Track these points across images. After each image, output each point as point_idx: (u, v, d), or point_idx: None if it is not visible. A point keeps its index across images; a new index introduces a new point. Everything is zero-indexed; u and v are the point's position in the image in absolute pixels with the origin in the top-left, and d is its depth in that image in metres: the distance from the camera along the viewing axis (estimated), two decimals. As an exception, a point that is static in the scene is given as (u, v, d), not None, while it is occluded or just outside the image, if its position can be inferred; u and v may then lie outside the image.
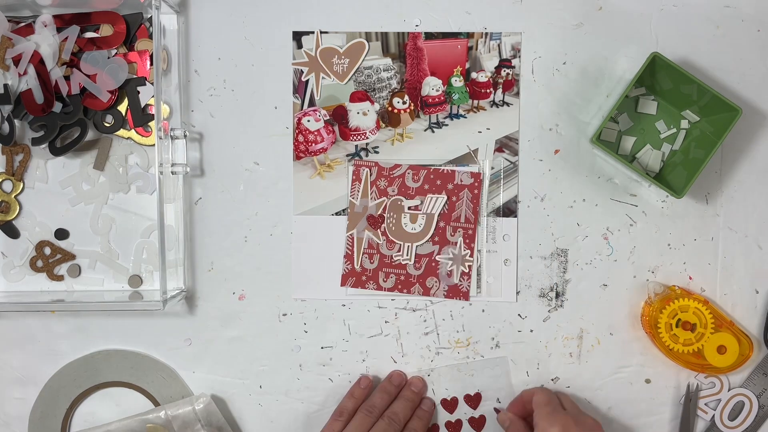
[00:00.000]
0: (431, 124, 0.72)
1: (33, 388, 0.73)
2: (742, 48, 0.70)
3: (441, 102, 0.71)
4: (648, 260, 0.71)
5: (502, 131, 0.71)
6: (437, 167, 0.71)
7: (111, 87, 0.69)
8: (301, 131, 0.71)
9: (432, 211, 0.71)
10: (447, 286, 0.71)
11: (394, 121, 0.71)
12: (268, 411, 0.73)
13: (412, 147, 0.72)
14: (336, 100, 0.72)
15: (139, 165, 0.71)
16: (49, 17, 0.69)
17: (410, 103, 0.71)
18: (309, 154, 0.72)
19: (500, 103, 0.71)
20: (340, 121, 0.71)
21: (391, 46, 0.71)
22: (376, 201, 0.71)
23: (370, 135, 0.72)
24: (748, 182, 0.71)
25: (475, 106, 0.71)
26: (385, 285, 0.71)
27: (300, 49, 0.71)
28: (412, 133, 0.72)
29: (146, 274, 0.72)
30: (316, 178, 0.72)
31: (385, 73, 0.71)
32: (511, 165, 0.71)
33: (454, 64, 0.71)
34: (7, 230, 0.72)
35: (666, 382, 0.71)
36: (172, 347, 0.73)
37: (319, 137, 0.71)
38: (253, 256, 0.72)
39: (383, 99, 0.71)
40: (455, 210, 0.71)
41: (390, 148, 0.72)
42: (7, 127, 0.70)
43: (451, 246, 0.71)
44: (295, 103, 0.72)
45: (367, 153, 0.72)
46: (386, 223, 0.71)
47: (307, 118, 0.71)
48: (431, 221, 0.71)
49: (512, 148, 0.71)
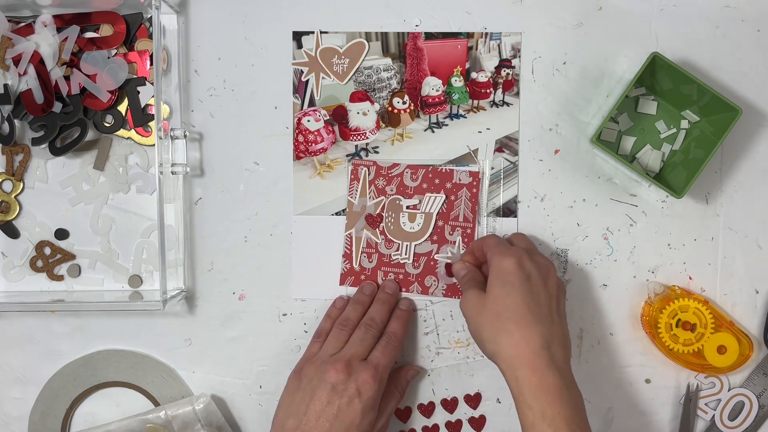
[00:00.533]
0: (431, 124, 0.72)
1: (33, 388, 0.73)
2: (742, 48, 0.70)
3: (441, 102, 0.71)
4: (648, 260, 0.71)
5: (502, 131, 0.71)
6: (436, 166, 0.71)
7: (111, 87, 0.69)
8: (301, 131, 0.71)
9: (430, 210, 0.71)
10: (445, 285, 0.71)
11: (394, 121, 0.71)
12: (268, 411, 0.72)
13: (412, 147, 0.72)
14: (336, 100, 0.72)
15: (139, 165, 0.71)
16: (49, 17, 0.69)
17: (410, 103, 0.71)
18: (309, 154, 0.72)
19: (500, 103, 0.71)
20: (340, 121, 0.71)
21: (391, 46, 0.71)
22: (374, 200, 0.71)
23: (370, 135, 0.72)
24: (748, 182, 0.71)
25: (475, 106, 0.71)
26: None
27: (300, 49, 0.71)
28: (412, 133, 0.72)
29: (146, 274, 0.72)
30: (316, 178, 0.72)
31: (385, 73, 0.71)
32: (511, 165, 0.71)
33: (454, 64, 0.71)
34: (7, 230, 0.72)
35: (666, 382, 0.71)
36: (172, 347, 0.73)
37: (319, 137, 0.71)
38: (253, 256, 0.72)
39: (383, 99, 0.71)
40: (454, 209, 0.71)
41: (390, 148, 0.72)
42: (7, 127, 0.70)
43: (450, 245, 0.71)
44: (295, 103, 0.72)
45: (367, 153, 0.72)
46: (385, 223, 0.71)
47: (307, 118, 0.71)
48: (430, 220, 0.71)
49: (512, 148, 0.71)
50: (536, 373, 0.58)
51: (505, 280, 0.62)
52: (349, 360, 0.64)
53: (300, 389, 0.64)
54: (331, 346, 0.67)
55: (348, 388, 0.63)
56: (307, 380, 0.64)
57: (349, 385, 0.63)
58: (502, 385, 0.66)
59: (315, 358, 0.66)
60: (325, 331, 0.69)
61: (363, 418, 0.63)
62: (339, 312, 0.70)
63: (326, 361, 0.65)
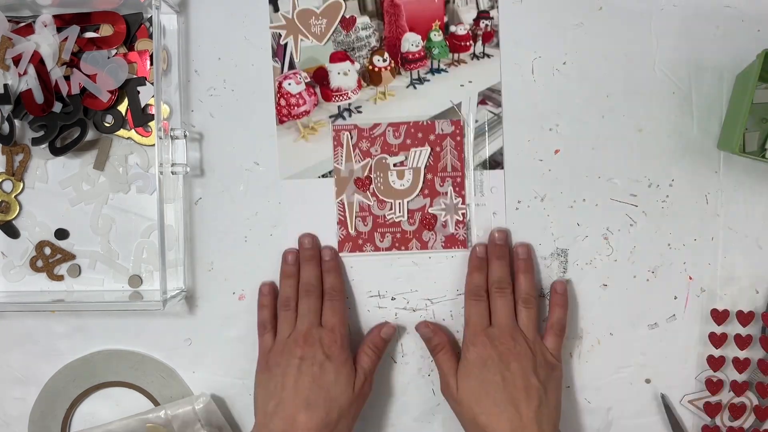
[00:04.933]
0: (413, 81, 0.71)
1: (33, 388, 0.73)
2: (742, 48, 0.70)
3: (421, 58, 0.71)
4: (648, 260, 0.71)
5: (485, 83, 0.71)
6: (417, 121, 0.71)
7: (111, 87, 0.69)
8: (282, 95, 0.71)
9: (418, 164, 0.70)
10: (444, 237, 0.71)
11: (376, 79, 0.71)
12: (268, 411, 0.73)
13: (394, 105, 0.71)
14: (316, 61, 0.71)
15: (139, 165, 0.71)
16: (49, 17, 0.69)
17: (390, 60, 0.71)
18: (292, 118, 0.71)
19: (481, 56, 0.71)
20: (321, 83, 0.71)
21: (368, 4, 0.70)
22: (361, 163, 0.71)
23: (352, 95, 0.71)
24: (748, 182, 0.70)
25: (456, 60, 0.71)
26: (382, 245, 0.71)
27: (277, 12, 0.71)
28: (394, 91, 0.71)
29: (146, 274, 0.72)
30: (301, 141, 0.71)
31: (363, 32, 0.71)
32: (495, 117, 0.71)
33: (432, 18, 0.71)
34: (7, 230, 0.72)
35: (666, 382, 0.71)
36: (172, 347, 0.73)
37: (301, 100, 0.71)
38: (253, 256, 0.72)
39: (363, 58, 0.71)
40: (440, 160, 0.70)
41: (373, 107, 0.71)
42: (7, 127, 0.70)
43: (442, 196, 0.71)
44: (275, 67, 0.71)
45: (350, 113, 0.71)
46: (374, 184, 0.71)
47: (288, 81, 0.71)
48: (418, 174, 0.71)
49: (495, 100, 0.71)
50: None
51: (469, 372, 0.65)
52: (307, 331, 0.66)
53: (272, 377, 0.65)
54: (284, 329, 0.68)
55: (316, 355, 0.65)
56: (276, 366, 0.66)
57: (315, 353, 0.65)
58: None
59: (275, 347, 0.67)
60: (266, 320, 0.70)
61: (338, 376, 0.64)
62: (268, 298, 0.70)
63: (287, 343, 0.66)
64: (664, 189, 0.70)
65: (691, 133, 0.70)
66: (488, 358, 0.64)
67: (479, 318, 0.67)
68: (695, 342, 0.71)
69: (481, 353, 0.65)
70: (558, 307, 0.69)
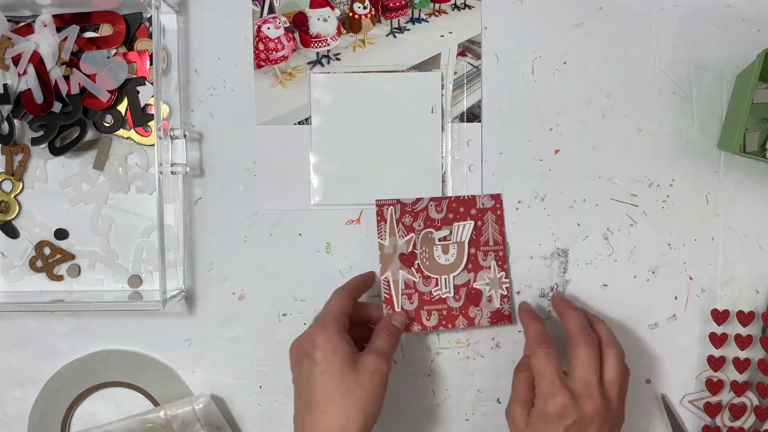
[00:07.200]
0: (393, 30, 0.71)
1: (33, 388, 0.73)
2: (742, 48, 0.70)
3: (402, 6, 0.70)
4: (648, 260, 0.71)
5: (465, 35, 0.70)
6: (458, 196, 0.70)
7: (111, 87, 0.69)
8: (261, 39, 0.70)
9: (462, 239, 0.70)
10: (489, 313, 0.70)
11: (355, 26, 0.71)
12: (268, 411, 0.73)
13: (374, 53, 0.71)
14: (296, 6, 0.70)
15: (139, 165, 0.71)
16: (48, 17, 0.69)
17: (371, 8, 0.70)
18: (270, 63, 0.71)
19: (462, 6, 0.70)
20: (301, 28, 0.70)
21: None
22: (404, 238, 0.70)
23: (331, 42, 0.71)
24: (748, 182, 0.70)
25: (437, 10, 0.71)
26: (429, 324, 0.70)
27: None
28: (374, 39, 0.71)
29: (146, 274, 0.72)
30: (278, 87, 0.71)
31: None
32: (474, 69, 0.70)
33: None
34: (7, 230, 0.72)
35: (666, 382, 0.71)
36: (172, 347, 0.73)
37: (280, 45, 0.70)
38: (253, 256, 0.72)
39: (344, 5, 0.70)
40: (482, 234, 0.70)
41: (351, 55, 0.71)
42: (7, 127, 0.70)
43: (485, 270, 0.70)
44: (255, 11, 0.71)
45: (329, 60, 0.71)
46: (419, 259, 0.70)
47: (267, 25, 0.70)
48: (463, 249, 0.70)
49: (475, 52, 0.70)
50: None
51: (547, 421, 0.59)
52: (295, 342, 0.64)
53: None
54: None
55: (303, 359, 0.62)
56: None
57: (301, 359, 0.62)
58: (501, 385, 0.67)
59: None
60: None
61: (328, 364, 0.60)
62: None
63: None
64: (664, 189, 0.70)
65: (692, 133, 0.70)
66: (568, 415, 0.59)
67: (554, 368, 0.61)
68: (695, 342, 0.71)
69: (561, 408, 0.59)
70: (611, 348, 0.63)
